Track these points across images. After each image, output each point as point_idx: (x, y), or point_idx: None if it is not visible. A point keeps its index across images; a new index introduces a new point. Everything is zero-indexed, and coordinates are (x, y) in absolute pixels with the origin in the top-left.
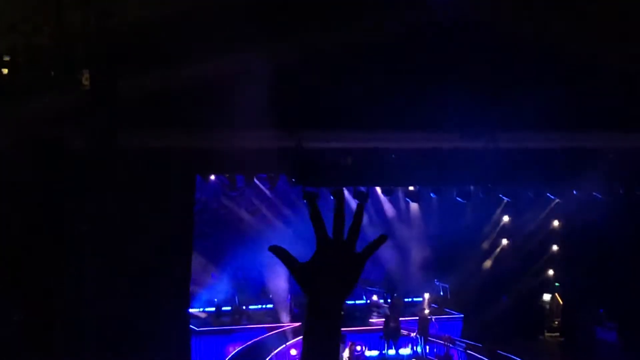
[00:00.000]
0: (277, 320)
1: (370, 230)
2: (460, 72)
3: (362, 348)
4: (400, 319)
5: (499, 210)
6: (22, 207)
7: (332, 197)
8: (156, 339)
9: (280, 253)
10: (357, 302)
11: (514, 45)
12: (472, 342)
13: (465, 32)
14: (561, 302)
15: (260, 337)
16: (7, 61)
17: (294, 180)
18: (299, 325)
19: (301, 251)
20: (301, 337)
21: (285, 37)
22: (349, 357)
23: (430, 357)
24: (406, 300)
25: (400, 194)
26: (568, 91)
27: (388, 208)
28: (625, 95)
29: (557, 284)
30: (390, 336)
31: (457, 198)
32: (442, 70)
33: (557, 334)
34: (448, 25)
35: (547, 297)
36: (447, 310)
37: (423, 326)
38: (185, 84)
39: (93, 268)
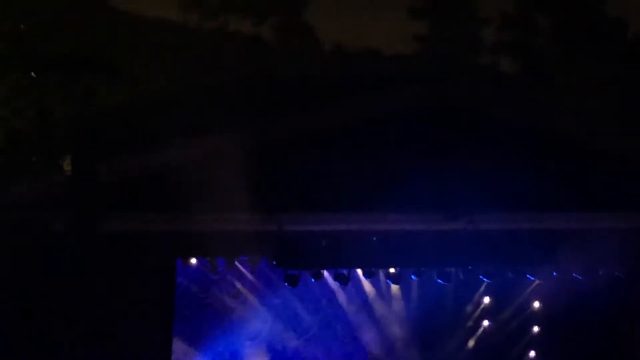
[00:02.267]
0: None
1: (351, 310)
2: (440, 154)
3: None
4: None
5: (479, 292)
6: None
7: (312, 280)
8: None
9: None
10: None
11: (495, 127)
12: None
13: (446, 116)
14: None
15: None
16: None
17: (274, 263)
18: None
19: (283, 332)
20: None
21: (266, 120)
22: None
23: None
24: None
25: (381, 276)
26: (547, 173)
27: (369, 289)
28: (605, 177)
29: None
30: None
31: (438, 280)
32: (422, 152)
33: None
34: (429, 109)
35: None
36: None
37: None
38: (166, 167)
39: (74, 351)
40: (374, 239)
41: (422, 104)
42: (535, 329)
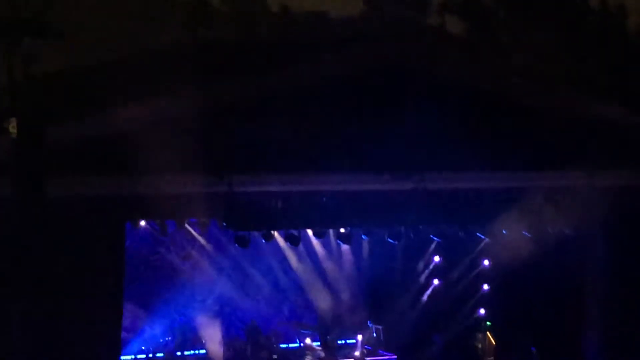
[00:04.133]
0: None
1: (301, 271)
2: (390, 113)
3: None
4: None
5: (430, 251)
6: None
7: (263, 240)
8: None
9: None
10: (291, 345)
11: (444, 86)
12: None
13: (396, 75)
14: (493, 342)
15: None
16: None
17: (224, 224)
18: None
19: (233, 293)
20: None
21: (214, 80)
22: None
23: None
24: (340, 342)
25: (332, 236)
26: (496, 131)
27: (319, 250)
28: (554, 135)
29: (488, 323)
30: None
31: (388, 239)
32: (371, 112)
33: None
34: (379, 68)
35: (479, 336)
36: (380, 352)
37: None
38: (113, 130)
39: (21, 315)
40: (324, 199)
41: (369, 65)
42: (485, 287)
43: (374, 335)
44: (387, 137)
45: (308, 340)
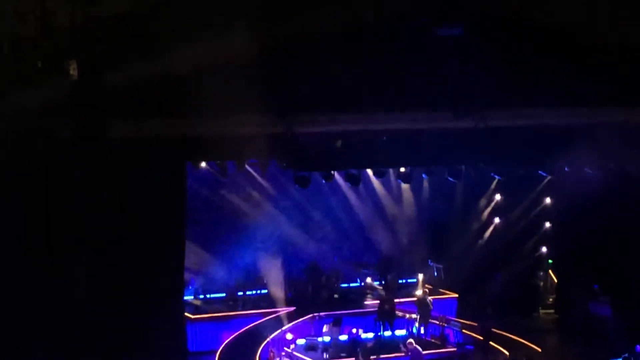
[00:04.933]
0: (272, 305)
1: (362, 211)
2: (450, 51)
3: (357, 330)
4: (395, 300)
5: (490, 189)
6: (11, 199)
7: (323, 181)
8: (152, 328)
9: None
10: (352, 284)
11: (504, 23)
12: (468, 322)
13: (455, 11)
14: (555, 279)
15: (256, 323)
16: None
17: (285, 165)
18: (294, 310)
19: (294, 233)
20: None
21: (274, 21)
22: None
23: (425, 337)
24: (400, 281)
25: (392, 176)
26: (559, 68)
27: (379, 189)
28: (616, 71)
29: (550, 261)
30: (385, 318)
31: (449, 178)
32: (432, 50)
33: (552, 310)
34: (438, 5)
35: (541, 274)
36: (441, 290)
37: (423, 310)
38: (174, 72)
39: (85, 259)
40: (384, 138)
41: (427, 1)
42: (547, 224)
43: (435, 274)
44: (448, 75)
45: (369, 280)
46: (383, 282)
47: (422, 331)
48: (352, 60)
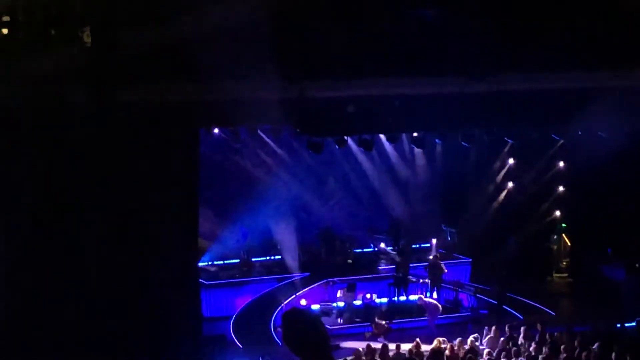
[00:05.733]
0: (286, 270)
1: (375, 177)
2: (462, 15)
3: (371, 295)
4: (410, 265)
5: (503, 153)
6: (27, 165)
7: (336, 146)
8: (167, 294)
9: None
10: (365, 250)
11: None
12: (481, 286)
13: None
14: (569, 243)
15: (270, 289)
16: (6, 21)
17: (298, 130)
18: (308, 275)
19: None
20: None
21: None
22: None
23: (440, 302)
24: (414, 246)
25: (405, 141)
26: (569, 31)
27: (393, 155)
28: (628, 34)
29: (563, 224)
30: (400, 283)
31: (462, 142)
32: (443, 14)
33: (566, 274)
34: None
35: (554, 238)
36: (455, 255)
37: (434, 273)
38: (184, 37)
39: (98, 224)
40: (397, 103)
41: None
42: (560, 188)
43: (448, 238)
44: (459, 38)
45: (382, 245)
46: (397, 248)
47: (434, 295)
48: (363, 26)
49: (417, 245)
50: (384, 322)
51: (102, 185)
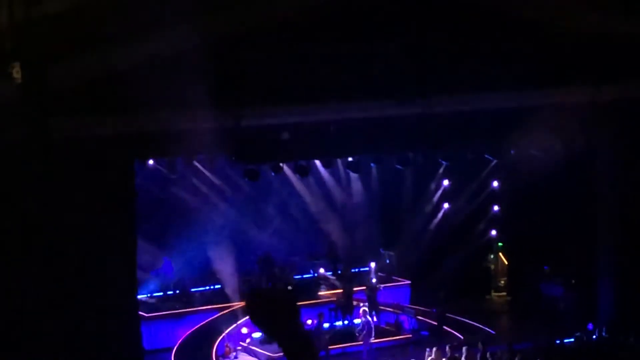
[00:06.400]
0: (227, 300)
1: (312, 202)
2: (392, 40)
3: (312, 321)
4: (353, 289)
5: (438, 175)
6: None
7: (272, 173)
8: (106, 328)
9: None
10: (305, 276)
11: (445, 10)
12: (422, 308)
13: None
14: (506, 262)
15: (211, 318)
16: None
17: (233, 158)
18: None
19: (245, 227)
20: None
21: (217, 14)
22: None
23: (381, 325)
24: (353, 270)
25: (340, 166)
26: (499, 52)
27: (329, 180)
28: (558, 52)
29: (500, 243)
30: (342, 307)
31: (397, 166)
32: (374, 39)
33: (504, 293)
34: None
35: (491, 257)
36: (394, 277)
37: (370, 296)
38: (117, 68)
39: (34, 259)
40: (331, 128)
41: None
42: (496, 208)
43: (387, 261)
44: (391, 63)
45: (322, 270)
46: (336, 272)
47: (375, 319)
48: (295, 52)
49: (357, 269)
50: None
51: (38, 219)
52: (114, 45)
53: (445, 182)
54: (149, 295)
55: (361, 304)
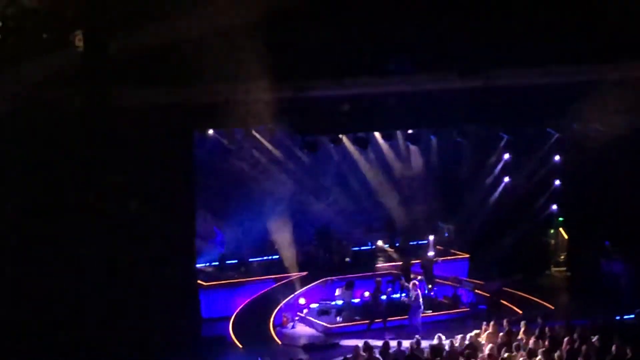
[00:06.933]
0: (284, 270)
1: (371, 175)
2: (456, 12)
3: (369, 293)
4: (411, 262)
5: (499, 148)
6: (23, 169)
7: (332, 145)
8: (165, 296)
9: None
10: (363, 248)
11: None
12: (479, 281)
13: None
14: (566, 237)
15: (268, 288)
16: None
17: (292, 130)
18: (306, 274)
19: (303, 198)
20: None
21: None
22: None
23: (438, 298)
24: (411, 243)
25: (400, 138)
26: (563, 25)
27: (388, 152)
28: (622, 25)
29: (560, 219)
30: (400, 280)
31: (457, 139)
32: (437, 11)
33: (564, 268)
34: None
35: (551, 232)
36: (452, 251)
37: (427, 269)
38: (179, 40)
39: (96, 230)
40: (391, 100)
41: None
42: (557, 182)
43: (446, 235)
44: (454, 35)
45: (380, 243)
46: (394, 245)
47: (432, 293)
48: (357, 24)
49: (415, 243)
50: None
51: (98, 189)
52: (175, 16)
53: (506, 156)
54: (207, 264)
55: (418, 277)
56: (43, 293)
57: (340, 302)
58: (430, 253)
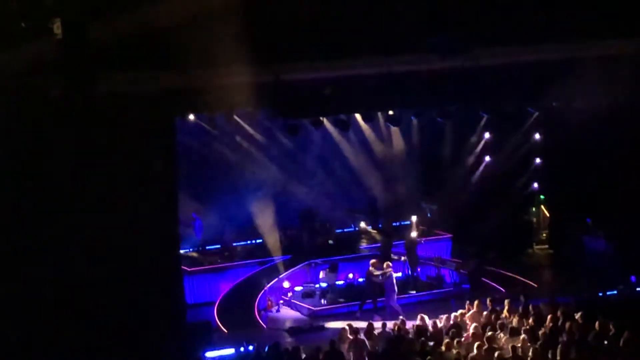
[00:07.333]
0: (268, 254)
1: (352, 157)
2: None
3: (354, 275)
4: (393, 243)
5: (479, 128)
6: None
7: (313, 128)
8: (149, 283)
9: None
10: (346, 230)
11: None
12: (462, 261)
13: None
14: (548, 215)
15: (253, 273)
16: None
17: (273, 113)
18: (290, 258)
19: (286, 182)
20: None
21: None
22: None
23: (421, 278)
24: (394, 224)
25: (381, 120)
26: (542, 3)
27: (369, 134)
28: (602, 2)
29: (542, 196)
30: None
31: (438, 119)
32: None
33: (546, 246)
34: None
35: (533, 210)
36: (435, 231)
37: (410, 249)
38: (158, 25)
39: (77, 217)
40: (371, 82)
41: None
42: (538, 160)
43: (428, 215)
44: (432, 15)
45: (362, 225)
46: (377, 226)
47: (417, 273)
48: (336, 5)
49: (398, 223)
50: None
51: (80, 176)
52: (154, 1)
53: (487, 135)
54: (190, 249)
55: (402, 258)
56: (22, 279)
57: (324, 285)
58: (414, 233)
